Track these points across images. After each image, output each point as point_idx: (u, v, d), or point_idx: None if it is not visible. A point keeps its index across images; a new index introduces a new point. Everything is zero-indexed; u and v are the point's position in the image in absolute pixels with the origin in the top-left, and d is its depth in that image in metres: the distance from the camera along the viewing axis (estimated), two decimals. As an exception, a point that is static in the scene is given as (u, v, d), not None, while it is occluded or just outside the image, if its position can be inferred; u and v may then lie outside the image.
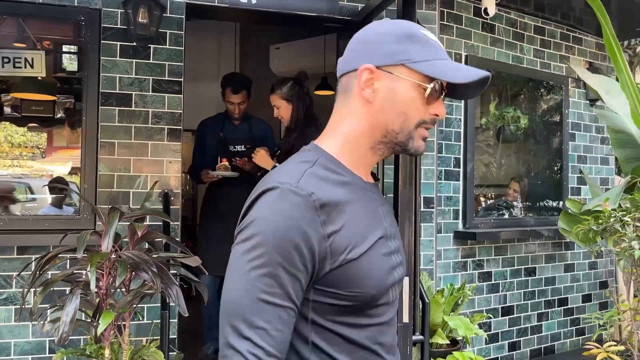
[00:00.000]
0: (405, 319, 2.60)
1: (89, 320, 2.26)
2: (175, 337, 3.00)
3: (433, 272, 3.57)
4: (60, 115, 3.35)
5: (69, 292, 2.15)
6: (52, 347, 2.82)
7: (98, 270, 2.18)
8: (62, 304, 2.04)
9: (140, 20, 2.86)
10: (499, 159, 4.30)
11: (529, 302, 4.18)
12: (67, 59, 3.52)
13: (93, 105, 2.98)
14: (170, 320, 2.81)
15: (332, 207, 0.88)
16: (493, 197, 4.29)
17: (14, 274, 2.74)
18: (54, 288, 2.37)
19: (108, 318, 2.02)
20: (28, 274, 2.39)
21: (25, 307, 2.46)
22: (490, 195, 4.27)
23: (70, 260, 2.73)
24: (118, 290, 2.43)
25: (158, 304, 2.87)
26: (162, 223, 2.91)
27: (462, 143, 3.86)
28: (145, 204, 2.53)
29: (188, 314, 2.28)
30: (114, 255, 2.19)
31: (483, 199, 4.17)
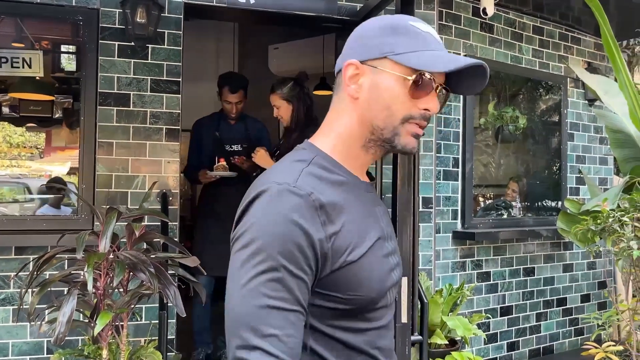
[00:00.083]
0: (404, 319, 2.59)
1: (87, 321, 2.25)
2: (174, 337, 2.99)
3: (432, 272, 3.57)
4: (59, 115, 3.34)
5: (67, 292, 2.14)
6: (50, 347, 2.81)
7: (95, 271, 2.17)
8: (59, 305, 2.04)
9: (139, 20, 2.86)
10: (498, 159, 4.30)
11: (528, 302, 4.18)
12: (65, 59, 3.51)
13: (91, 105, 2.97)
14: (169, 321, 2.81)
15: (331, 207, 0.85)
16: (492, 197, 4.29)
17: (12, 274, 2.74)
18: (52, 288, 2.36)
19: (105, 318, 2.01)
20: (26, 274, 2.38)
21: (23, 307, 2.45)
22: (489, 196, 4.27)
23: (68, 261, 2.72)
24: (116, 291, 2.42)
25: (156, 305, 2.87)
26: (160, 223, 2.91)
27: (460, 143, 3.85)
28: (144, 204, 2.52)
29: (186, 314, 2.28)
30: (112, 256, 2.18)
31: (482, 199, 4.17)
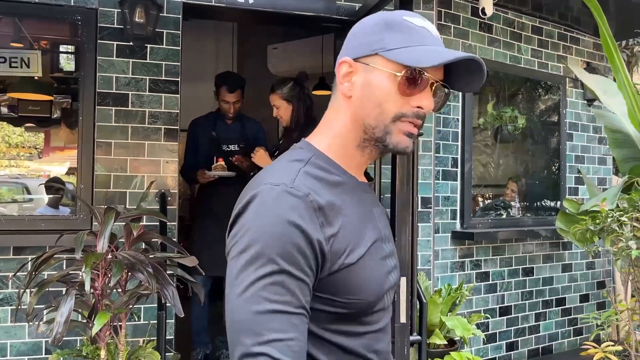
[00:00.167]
0: (403, 320, 2.59)
1: (85, 321, 2.25)
2: (172, 337, 2.99)
3: (430, 272, 3.57)
4: (57, 115, 3.33)
5: (65, 292, 2.14)
6: (48, 348, 2.81)
7: (94, 271, 2.17)
8: (57, 305, 2.03)
9: (137, 20, 2.85)
10: (497, 159, 4.30)
11: (527, 302, 4.17)
12: (63, 59, 3.51)
13: (89, 105, 2.97)
14: (167, 321, 2.81)
15: (328, 208, 0.83)
16: (491, 197, 4.29)
17: (10, 275, 2.73)
18: (51, 289, 2.36)
19: (103, 319, 2.01)
20: (24, 275, 2.38)
21: (21, 307, 2.44)
22: (488, 195, 4.27)
23: (67, 261, 2.72)
24: (114, 291, 2.42)
25: (155, 305, 2.87)
26: (159, 223, 2.91)
27: (459, 143, 3.85)
28: (142, 204, 2.52)
29: (184, 315, 2.27)
30: (110, 256, 2.18)
31: (481, 199, 4.17)
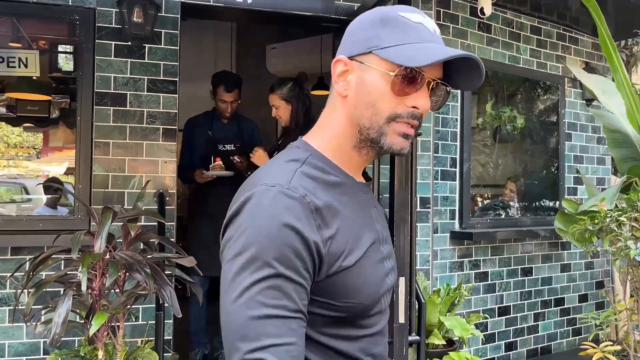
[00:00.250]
0: (402, 320, 2.58)
1: (83, 322, 2.24)
2: (171, 338, 2.98)
3: (429, 272, 3.57)
4: (56, 115, 3.33)
5: (62, 293, 2.13)
6: (46, 348, 2.80)
7: (91, 271, 2.16)
8: (54, 305, 2.03)
9: (135, 20, 2.85)
10: (496, 159, 4.30)
11: (526, 302, 4.17)
12: (61, 59, 3.50)
13: (87, 105, 2.97)
14: (165, 321, 2.81)
15: (326, 210, 0.81)
16: (489, 197, 4.29)
17: (8, 275, 2.73)
18: (49, 289, 2.36)
19: (101, 319, 2.00)
20: (22, 275, 2.37)
21: (19, 308, 2.44)
22: (487, 195, 4.27)
23: (65, 261, 2.71)
24: (112, 291, 2.42)
25: (153, 305, 2.86)
26: (157, 223, 2.90)
27: (458, 143, 3.85)
28: (138, 204, 2.51)
29: (182, 315, 2.27)
30: (108, 256, 2.18)
31: (479, 199, 4.17)
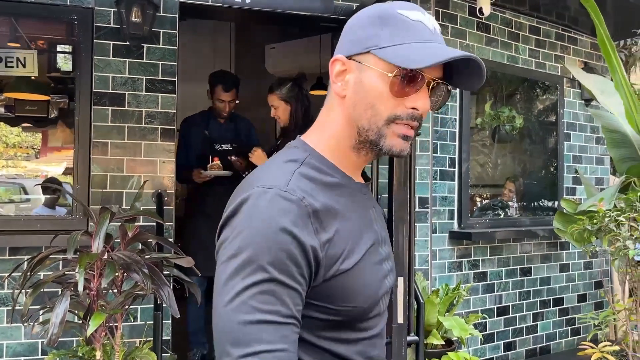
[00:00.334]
0: (400, 320, 2.58)
1: (80, 322, 2.24)
2: (169, 338, 2.98)
3: (428, 272, 3.57)
4: (54, 115, 3.32)
5: (60, 293, 2.13)
6: (44, 348, 2.80)
7: (89, 272, 2.16)
8: (52, 306, 2.03)
9: (134, 20, 2.84)
10: (494, 159, 4.29)
11: (525, 302, 4.17)
12: (60, 59, 3.50)
13: (86, 105, 2.96)
14: (164, 322, 2.80)
15: (324, 212, 0.80)
16: (488, 197, 4.28)
17: (6, 275, 2.72)
18: (47, 289, 2.35)
19: (98, 319, 2.00)
20: (20, 275, 2.37)
21: (17, 308, 2.44)
22: (486, 195, 4.26)
23: (63, 262, 2.71)
24: (110, 292, 2.41)
25: (151, 305, 2.86)
26: (155, 224, 2.90)
27: (457, 143, 3.85)
28: (136, 204, 2.51)
29: (180, 315, 2.27)
30: (105, 256, 2.17)
31: (478, 199, 4.17)
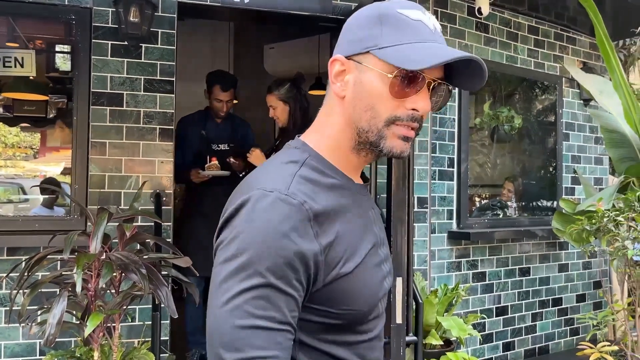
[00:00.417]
0: (399, 320, 2.58)
1: (78, 323, 2.24)
2: (167, 338, 2.98)
3: (427, 272, 3.56)
4: (53, 115, 3.32)
5: (58, 294, 2.12)
6: (42, 349, 2.79)
7: (87, 272, 2.16)
8: (50, 306, 2.02)
9: (132, 19, 2.84)
10: (493, 159, 4.29)
11: (523, 302, 4.17)
12: (58, 58, 3.49)
13: (84, 105, 2.96)
14: (162, 322, 2.79)
15: (325, 216, 0.80)
16: (487, 197, 4.28)
17: (3, 275, 2.72)
18: (45, 290, 2.35)
19: (96, 320, 1.99)
20: (17, 275, 2.36)
21: (15, 308, 2.43)
22: (485, 195, 4.26)
23: (60, 262, 2.70)
24: (108, 292, 2.41)
25: (149, 306, 2.85)
26: (154, 224, 2.89)
27: (456, 143, 3.85)
28: (135, 205, 2.51)
29: (178, 315, 2.26)
30: (103, 257, 2.17)
31: (477, 199, 4.17)
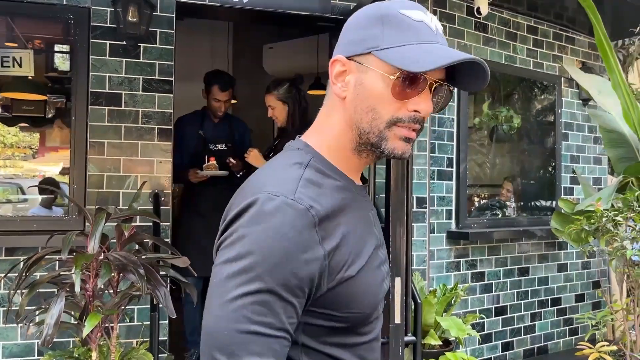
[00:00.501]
0: (397, 320, 2.57)
1: (76, 323, 2.23)
2: (166, 338, 2.97)
3: (426, 272, 3.56)
4: (52, 115, 3.31)
5: (56, 294, 2.12)
6: (40, 349, 2.79)
7: (85, 272, 2.15)
8: (48, 306, 2.02)
9: (130, 19, 2.84)
10: (492, 159, 4.29)
11: (522, 302, 4.17)
12: (57, 58, 3.48)
13: (82, 105, 2.95)
14: (160, 322, 2.79)
15: (330, 219, 0.80)
16: (486, 197, 4.28)
17: (2, 276, 2.71)
18: (43, 290, 2.35)
19: (94, 320, 1.99)
20: (16, 276, 2.36)
21: (13, 309, 2.43)
22: (484, 195, 4.26)
23: (59, 262, 2.70)
24: (106, 292, 2.40)
25: (148, 306, 2.85)
26: (152, 224, 2.89)
27: (455, 143, 3.84)
28: (134, 205, 2.50)
29: (176, 316, 2.26)
30: (101, 257, 2.16)
31: (476, 199, 4.16)
